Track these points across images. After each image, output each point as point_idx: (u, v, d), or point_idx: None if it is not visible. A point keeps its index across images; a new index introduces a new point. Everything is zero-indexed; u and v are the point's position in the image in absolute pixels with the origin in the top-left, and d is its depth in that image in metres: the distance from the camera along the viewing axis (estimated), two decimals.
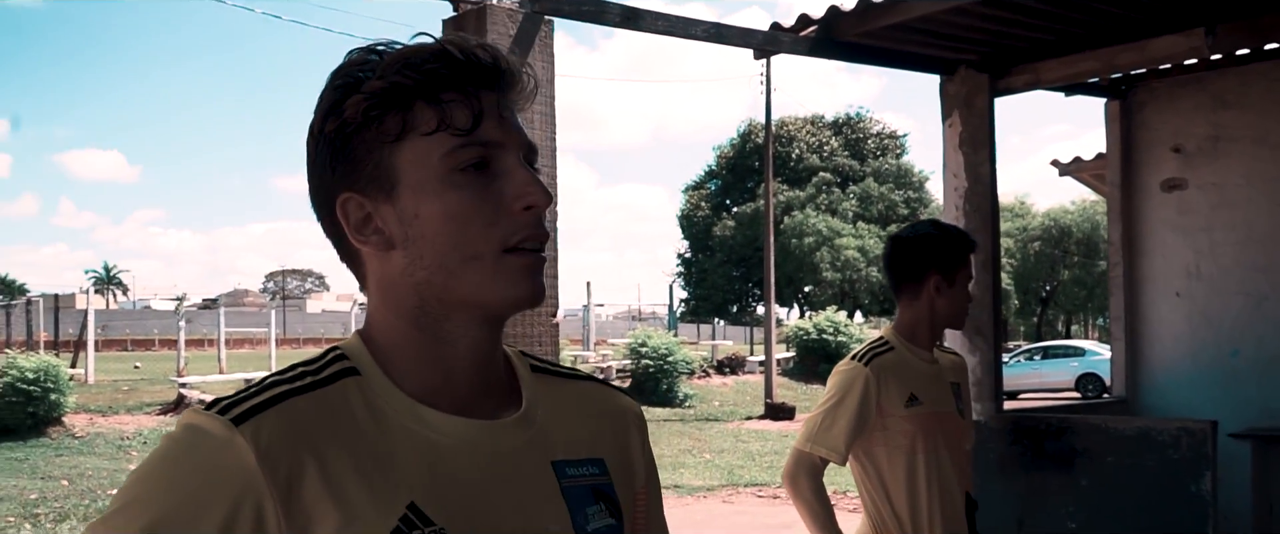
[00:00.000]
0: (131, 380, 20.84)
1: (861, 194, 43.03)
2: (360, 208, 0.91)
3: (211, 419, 0.83)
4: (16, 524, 8.49)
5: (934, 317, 2.56)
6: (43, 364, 13.48)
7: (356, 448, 0.86)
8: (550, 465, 0.96)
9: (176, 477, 0.81)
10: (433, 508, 0.86)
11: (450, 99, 0.89)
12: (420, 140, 0.89)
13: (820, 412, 2.52)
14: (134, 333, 45.09)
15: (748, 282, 44.36)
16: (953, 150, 5.03)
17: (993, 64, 4.95)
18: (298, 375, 0.90)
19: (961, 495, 2.57)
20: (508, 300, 0.90)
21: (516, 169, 0.91)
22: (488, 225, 0.89)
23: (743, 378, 23.20)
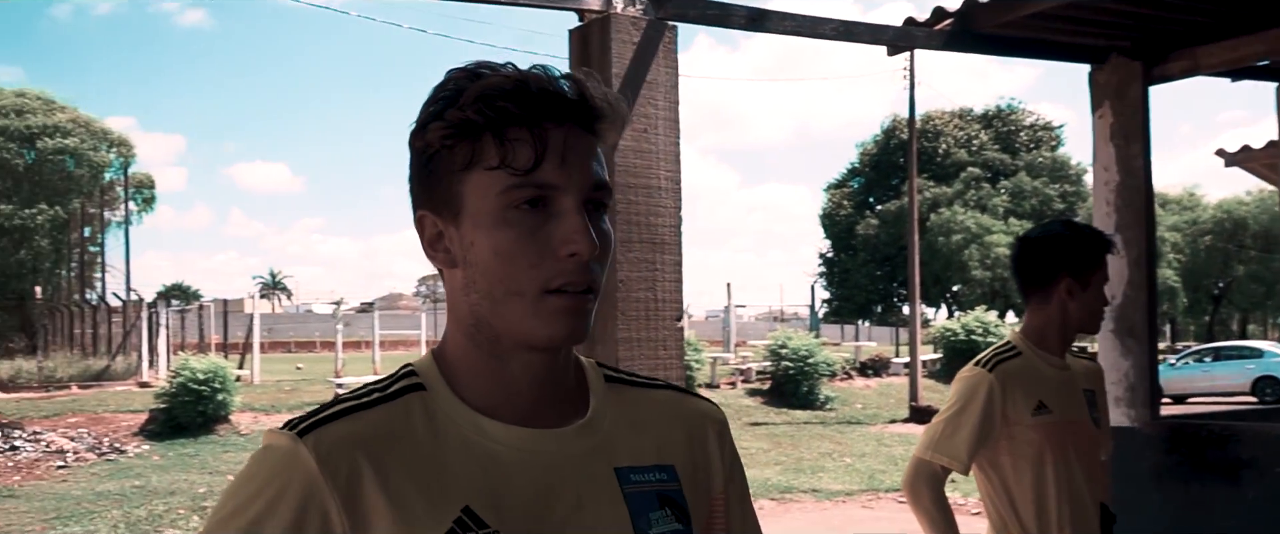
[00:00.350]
0: (293, 381, 21.90)
1: (1013, 189, 41.51)
2: (433, 225, 0.97)
3: (279, 435, 0.92)
4: (186, 516, 9.02)
5: (1065, 321, 2.43)
6: (212, 366, 14.30)
7: (412, 456, 0.92)
8: (613, 472, 0.99)
9: (252, 488, 0.90)
10: (488, 512, 0.91)
11: (516, 137, 0.91)
12: (483, 174, 0.92)
13: (942, 419, 2.43)
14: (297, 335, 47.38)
15: (892, 281, 43.39)
16: (1103, 143, 4.79)
17: (1146, 50, 4.68)
18: (366, 393, 0.97)
19: (1095, 508, 2.43)
20: (543, 338, 0.93)
21: (569, 214, 0.92)
22: (531, 266, 0.92)
23: (887, 380, 22.69)
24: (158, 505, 9.48)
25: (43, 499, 9.97)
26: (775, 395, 19.15)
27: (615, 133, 0.96)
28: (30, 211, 34.98)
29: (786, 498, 9.66)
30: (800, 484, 10.58)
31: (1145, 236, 4.55)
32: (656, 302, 3.37)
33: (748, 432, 15.93)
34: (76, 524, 8.71)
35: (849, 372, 22.76)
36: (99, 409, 16.13)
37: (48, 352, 24.53)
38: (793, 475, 11.47)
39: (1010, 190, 41.53)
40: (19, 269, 35.16)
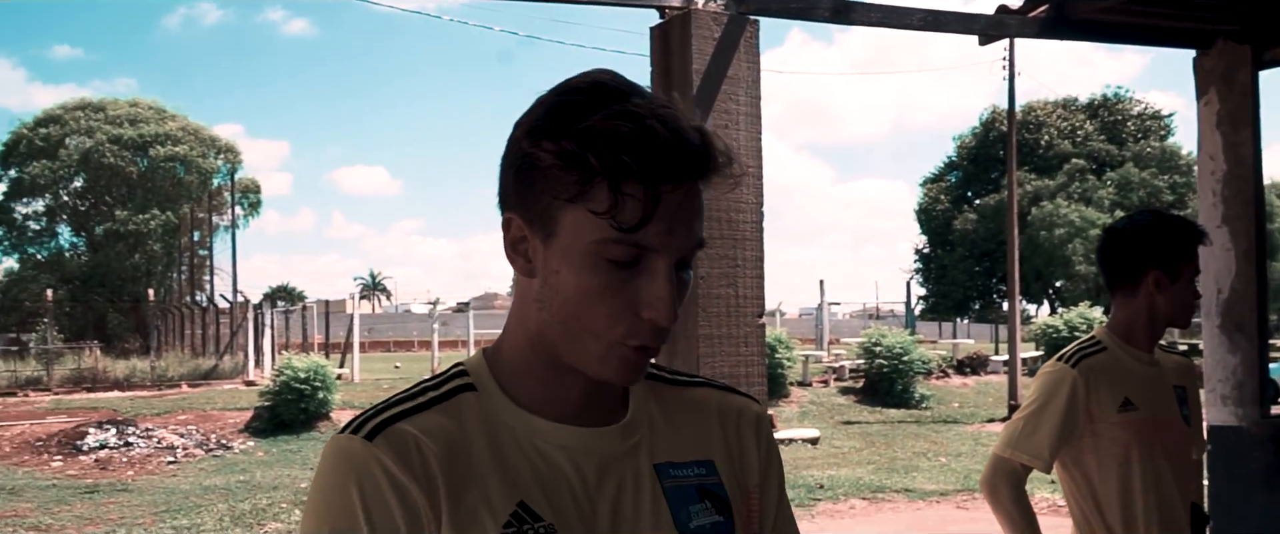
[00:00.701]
0: (391, 379, 22.40)
1: (1120, 181, 40.16)
2: (519, 230, 0.96)
3: (349, 440, 0.94)
4: (288, 509, 9.29)
5: (1153, 315, 2.33)
6: (313, 365, 14.71)
7: (469, 453, 0.95)
8: (653, 468, 1.01)
9: (336, 500, 0.92)
10: (541, 507, 0.95)
11: (630, 192, 0.89)
12: (585, 214, 0.90)
13: (1023, 415, 2.35)
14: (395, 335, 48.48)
15: (991, 277, 42.38)
16: (1209, 131, 4.58)
17: (1255, 34, 4.47)
18: (420, 392, 0.99)
19: (1185, 508, 2.33)
20: (603, 378, 0.95)
21: (659, 279, 0.91)
22: (611, 317, 0.92)
23: (985, 378, 22.16)
24: (261, 499, 9.78)
25: (153, 493, 10.38)
26: (868, 394, 18.88)
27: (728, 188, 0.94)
28: (143, 217, 36.47)
29: (878, 498, 9.50)
30: (893, 484, 10.40)
31: (1254, 228, 4.34)
32: (738, 298, 3.34)
33: (840, 430, 15.73)
34: (184, 517, 9.05)
35: (945, 370, 22.31)
36: (207, 407, 16.74)
37: (160, 352, 25.53)
38: (885, 475, 11.28)
39: (1116, 182, 40.18)
40: (133, 272, 36.70)
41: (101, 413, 15.86)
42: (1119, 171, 40.70)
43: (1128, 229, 2.37)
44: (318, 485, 0.94)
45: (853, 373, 20.39)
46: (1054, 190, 39.97)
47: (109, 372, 22.33)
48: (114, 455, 12.65)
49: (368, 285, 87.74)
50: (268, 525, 8.70)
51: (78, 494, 10.39)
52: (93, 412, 16.12)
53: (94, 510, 9.52)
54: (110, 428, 13.66)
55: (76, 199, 38.93)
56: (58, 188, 38.27)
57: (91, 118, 38.01)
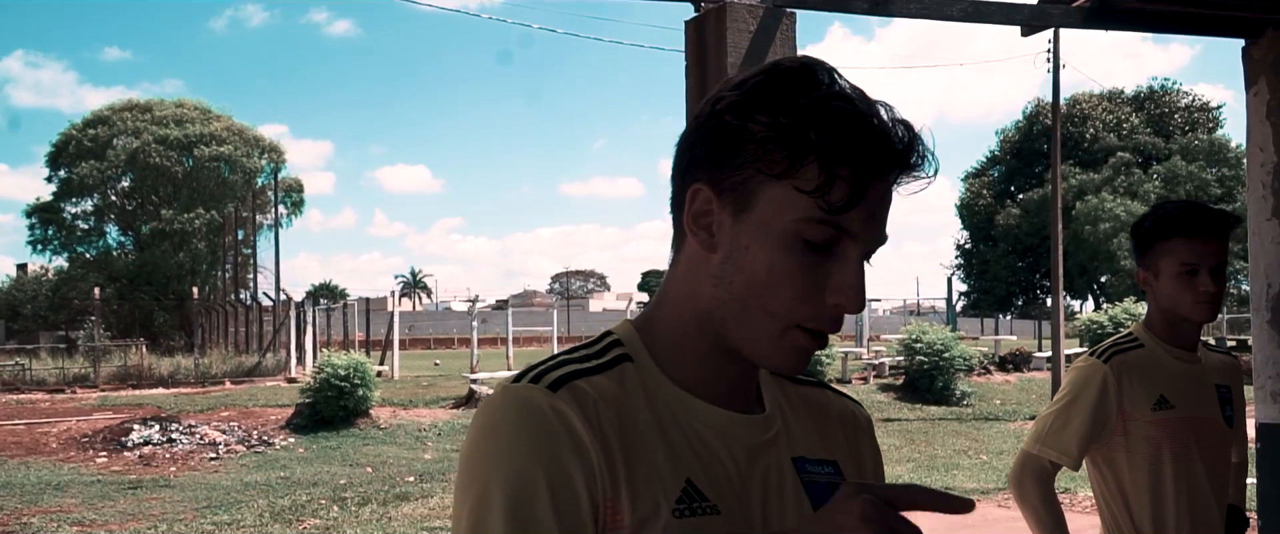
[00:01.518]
0: (431, 376, 22.54)
1: (1167, 174, 39.47)
2: (706, 202, 0.93)
3: (529, 389, 0.90)
4: (327, 506, 9.36)
5: (1161, 310, 2.25)
6: (352, 362, 14.81)
7: (641, 426, 0.93)
8: (792, 461, 1.01)
9: (521, 443, 0.87)
10: (705, 486, 0.93)
11: (842, 174, 0.88)
12: (791, 192, 0.89)
13: (1052, 411, 2.29)
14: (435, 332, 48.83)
15: (1034, 273, 41.84)
16: (1259, 122, 4.46)
17: None
18: (583, 358, 0.96)
19: (1220, 511, 2.25)
20: (772, 365, 0.95)
21: (851, 266, 0.90)
22: (796, 299, 0.90)
23: (1028, 375, 21.87)
24: (301, 496, 9.86)
25: (195, 489, 10.50)
26: (909, 391, 18.68)
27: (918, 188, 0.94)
28: (188, 216, 36.98)
29: None
30: (933, 482, 10.28)
31: None
32: None
33: (879, 428, 15.56)
34: (225, 513, 9.14)
35: (987, 366, 22.04)
36: (249, 403, 16.93)
37: (204, 349, 25.87)
38: (925, 473, 11.15)
39: (1163, 176, 39.50)
40: (178, 271, 37.23)
41: (146, 409, 16.09)
42: (1166, 165, 40.00)
43: (1140, 221, 2.29)
44: (488, 433, 0.89)
45: (893, 370, 20.20)
46: (1099, 184, 39.36)
47: (154, 369, 22.66)
48: (157, 451, 12.82)
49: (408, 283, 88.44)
50: (307, 522, 8.76)
51: (121, 490, 10.54)
52: (138, 408, 16.36)
53: (137, 506, 9.65)
54: (154, 424, 13.84)
55: (124, 199, 39.56)
56: (106, 188, 38.90)
57: (138, 119, 38.61)
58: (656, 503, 0.90)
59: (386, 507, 9.31)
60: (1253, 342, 4.34)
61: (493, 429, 0.89)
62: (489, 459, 0.88)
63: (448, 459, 12.36)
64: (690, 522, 0.91)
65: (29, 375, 22.03)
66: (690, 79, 3.89)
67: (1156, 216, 2.23)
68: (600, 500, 0.88)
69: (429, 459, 12.36)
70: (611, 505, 0.89)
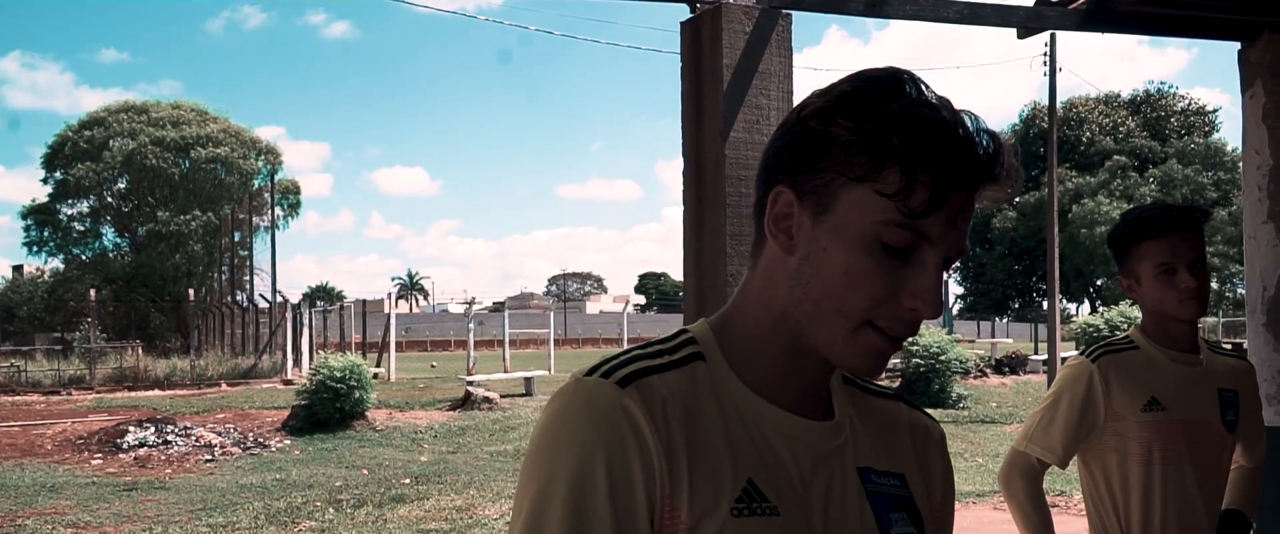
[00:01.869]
0: (427, 378, 22.52)
1: (1163, 177, 39.58)
2: (788, 205, 0.95)
3: (598, 384, 0.92)
4: (322, 508, 9.33)
5: (1151, 313, 2.25)
6: (349, 364, 14.79)
7: (707, 423, 0.94)
8: (856, 471, 1.01)
9: (586, 436, 0.89)
10: (766, 487, 0.94)
11: (923, 179, 0.89)
12: (871, 194, 0.90)
13: (1040, 409, 2.30)
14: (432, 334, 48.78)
15: (1031, 276, 41.90)
16: (1255, 125, 4.45)
17: None
18: (656, 354, 0.97)
19: (1211, 516, 2.24)
20: (846, 365, 0.95)
21: (930, 270, 0.91)
22: (871, 300, 0.91)
23: (1024, 378, 21.89)
24: (296, 498, 9.84)
25: (190, 491, 10.48)
26: (906, 393, 18.54)
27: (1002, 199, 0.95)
28: (185, 218, 36.95)
29: None
30: None
31: None
32: None
33: None
34: (220, 515, 9.12)
35: (983, 369, 22.07)
36: (245, 405, 16.91)
37: (200, 351, 25.84)
38: None
39: (1159, 179, 39.59)
40: (174, 273, 37.18)
41: (141, 411, 16.06)
42: (1162, 168, 40.10)
43: (1116, 226, 2.30)
44: (557, 424, 0.91)
45: (889, 372, 20.22)
46: (1095, 187, 39.45)
47: (150, 370, 22.64)
48: (153, 453, 12.79)
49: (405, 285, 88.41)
50: (302, 524, 8.74)
51: (116, 492, 10.51)
52: (133, 410, 16.33)
53: (132, 508, 9.62)
54: (149, 426, 13.82)
55: (120, 200, 39.51)
56: (102, 189, 38.86)
57: (134, 120, 38.59)
58: (717, 500, 0.91)
59: (382, 509, 9.29)
60: (1248, 345, 4.33)
61: (561, 421, 0.91)
62: (554, 450, 0.90)
63: (444, 461, 12.34)
64: (749, 521, 0.92)
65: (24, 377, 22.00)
66: (686, 80, 3.88)
67: (1126, 223, 2.24)
68: (658, 498, 0.90)
69: (425, 461, 12.34)
70: (669, 502, 0.90)
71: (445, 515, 8.95)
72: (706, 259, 3.60)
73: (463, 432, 14.57)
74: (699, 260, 3.56)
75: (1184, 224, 2.18)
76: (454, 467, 11.85)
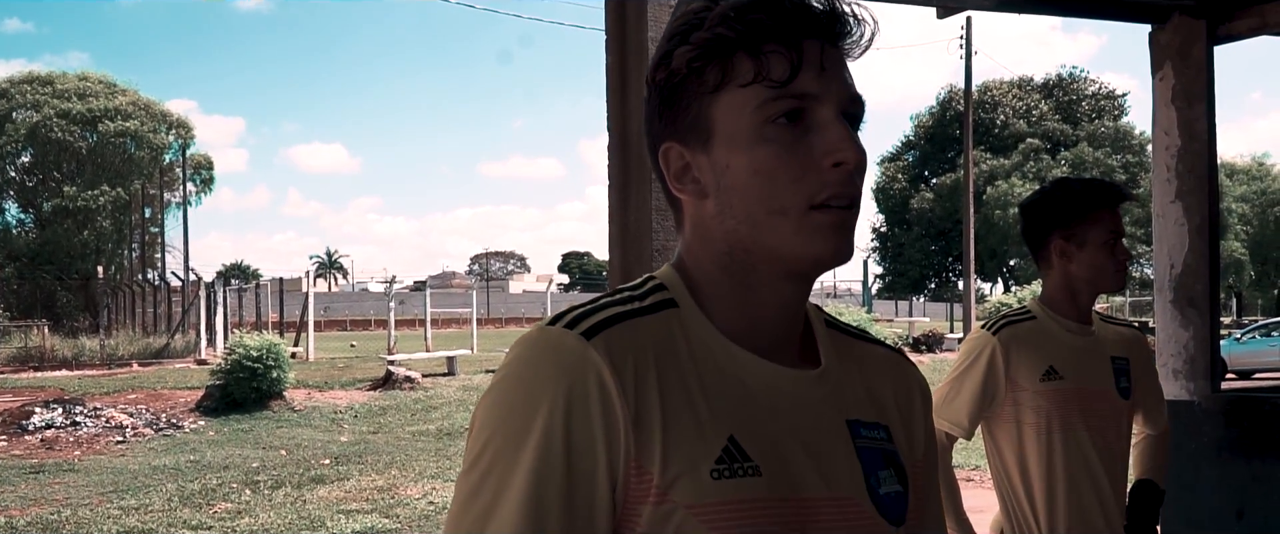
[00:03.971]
0: (347, 358, 22.18)
1: (1074, 160, 40.67)
2: (680, 158, 0.93)
3: (562, 333, 0.86)
4: (238, 490, 9.14)
5: (1070, 283, 2.30)
6: (265, 343, 14.48)
7: (683, 375, 0.88)
8: (845, 424, 0.95)
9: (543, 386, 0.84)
10: (748, 444, 0.87)
11: (770, 50, 0.87)
12: (737, 92, 0.88)
13: (945, 383, 2.34)
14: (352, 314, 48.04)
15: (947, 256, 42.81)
16: (1164, 106, 4.57)
17: (1210, 8, 4.46)
18: (626, 300, 0.92)
19: (1112, 481, 2.30)
20: (810, 257, 0.89)
21: (830, 124, 0.88)
22: (794, 181, 0.88)
23: (940, 356, 22.39)
24: (211, 479, 9.62)
25: (101, 473, 10.17)
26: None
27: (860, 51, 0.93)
28: (93, 193, 35.75)
29: None
30: None
31: (1208, 204, 4.34)
32: None
33: None
34: (132, 497, 8.87)
35: (901, 348, 22.49)
36: (158, 386, 16.46)
37: (110, 330, 25.08)
38: None
39: (1071, 162, 40.68)
40: (82, 250, 36.00)
41: (48, 392, 15.53)
42: (1073, 151, 41.21)
43: (1032, 199, 2.35)
44: (511, 378, 0.86)
45: None
46: (1009, 169, 40.40)
47: (57, 350, 21.91)
48: (61, 435, 12.38)
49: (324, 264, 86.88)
50: (218, 506, 8.55)
51: (22, 474, 10.14)
52: (39, 391, 15.78)
53: (39, 491, 9.31)
54: (57, 407, 13.36)
55: (24, 175, 38.08)
56: (4, 163, 37.41)
57: (39, 92, 37.17)
58: (694, 462, 0.85)
59: (301, 489, 9.13)
60: (1156, 321, 4.47)
61: (519, 373, 0.86)
62: (509, 406, 0.85)
63: (364, 441, 12.17)
64: (729, 483, 0.85)
65: None
66: (610, 54, 3.84)
67: (1086, 189, 2.29)
68: (621, 464, 0.84)
69: (345, 441, 12.16)
70: (636, 466, 0.84)
71: (367, 496, 8.83)
72: (632, 235, 3.58)
73: (384, 411, 14.38)
74: (624, 235, 3.54)
75: (1124, 200, 2.29)
76: (375, 447, 11.70)
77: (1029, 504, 2.28)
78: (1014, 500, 2.31)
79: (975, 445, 2.38)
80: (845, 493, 0.91)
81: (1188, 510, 4.05)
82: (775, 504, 0.86)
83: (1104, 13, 4.64)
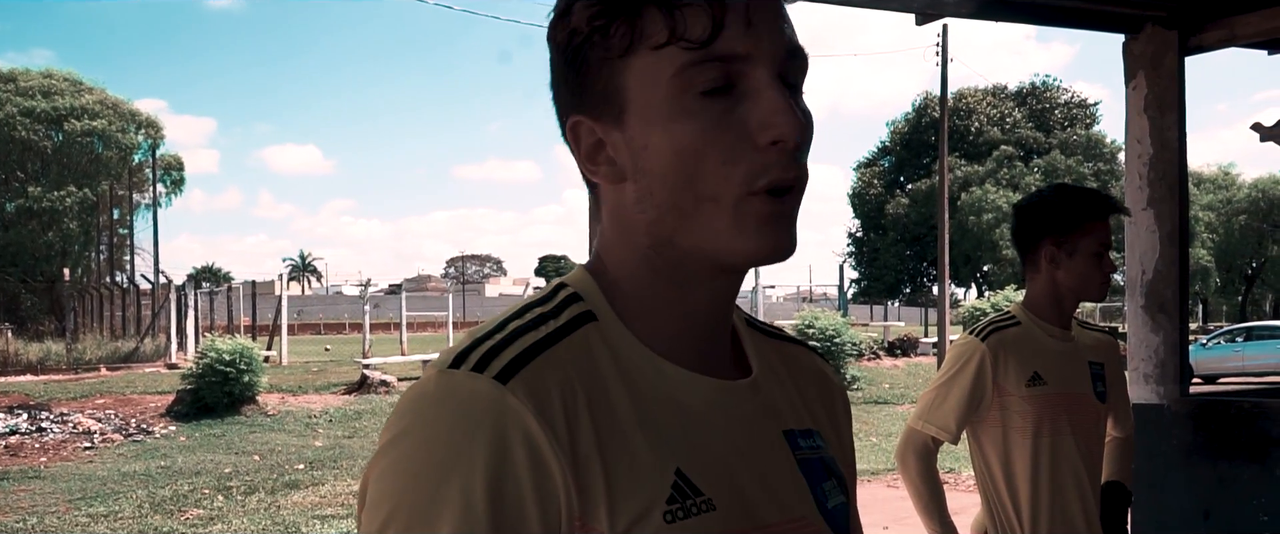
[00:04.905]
0: (321, 362, 22.03)
1: (1047, 167, 41.03)
2: (591, 133, 0.78)
3: (471, 379, 0.70)
4: (211, 496, 9.05)
5: (1056, 289, 2.32)
6: (238, 347, 14.36)
7: (616, 407, 0.74)
8: (782, 435, 0.84)
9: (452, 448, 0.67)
10: (697, 476, 0.75)
11: (686, 2, 0.72)
12: (649, 55, 0.73)
13: (933, 388, 2.36)
14: (326, 317, 47.73)
15: (922, 261, 43.11)
16: (1137, 115, 4.63)
17: (1182, 20, 4.52)
18: (538, 320, 0.76)
19: (1093, 483, 2.34)
20: (746, 253, 0.75)
21: (765, 90, 0.73)
22: (726, 163, 0.73)
23: (915, 360, 22.53)
24: (182, 485, 9.52)
25: (69, 480, 10.04)
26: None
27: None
28: (59, 194, 35.31)
29: None
30: None
31: (1178, 211, 4.40)
32: None
33: None
34: (101, 504, 8.76)
35: (877, 351, 22.64)
36: (127, 390, 16.28)
37: (77, 334, 24.79)
38: None
39: (1043, 169, 41.05)
40: (47, 251, 35.54)
41: (13, 397, 15.32)
42: (1046, 158, 41.59)
43: (1025, 204, 2.37)
44: (413, 441, 0.68)
45: None
46: (983, 176, 40.74)
47: (22, 355, 21.63)
48: (25, 441, 12.21)
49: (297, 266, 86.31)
50: (189, 512, 8.46)
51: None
52: (3, 396, 15.57)
53: (3, 499, 9.18)
54: (21, 413, 13.20)
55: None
56: None
57: (1, 89, 36.67)
58: (645, 507, 0.72)
59: (275, 495, 9.06)
60: (1127, 326, 4.52)
61: (419, 435, 0.69)
62: (410, 477, 0.67)
63: (339, 446, 12.09)
64: (684, 524, 0.73)
65: None
66: None
67: (1085, 198, 2.30)
68: (565, 526, 0.69)
69: (320, 446, 12.07)
70: (582, 526, 0.70)
71: (342, 501, 8.77)
72: None
73: (359, 416, 14.30)
74: None
75: (1118, 213, 2.33)
76: (350, 451, 11.62)
77: (1013, 507, 2.30)
78: (998, 503, 2.33)
79: (948, 447, 2.39)
80: (798, 514, 0.81)
81: (1156, 512, 4.10)
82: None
83: (1079, 22, 4.68)
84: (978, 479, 2.40)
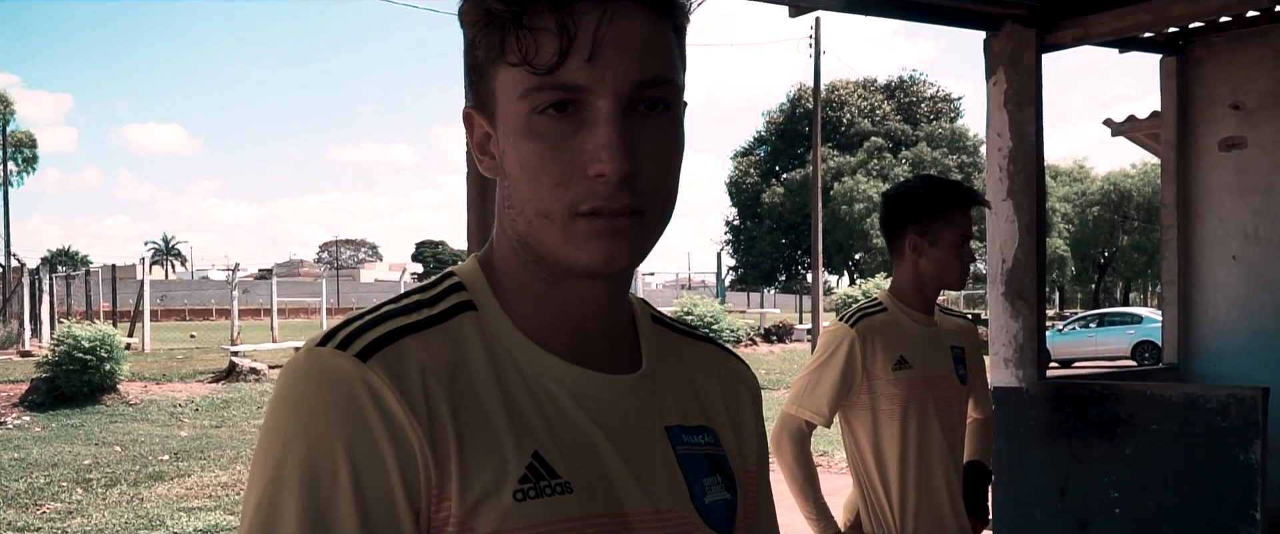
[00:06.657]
0: (186, 349, 21.26)
1: (914, 159, 42.39)
2: (481, 127, 0.83)
3: (334, 356, 0.76)
4: (69, 488, 8.67)
5: (919, 277, 2.44)
6: (97, 333, 13.73)
7: (479, 389, 0.79)
8: (664, 431, 0.88)
9: (319, 423, 0.74)
10: (555, 460, 0.80)
11: (539, 25, 0.75)
12: (508, 71, 0.77)
13: (805, 373, 2.45)
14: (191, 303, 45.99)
15: (796, 249, 44.06)
16: (997, 109, 4.85)
17: (1041, 18, 4.75)
18: (414, 306, 0.82)
19: (956, 462, 2.48)
20: (579, 266, 0.79)
21: (600, 124, 0.75)
22: (556, 185, 0.77)
23: (790, 346, 23.06)
24: (38, 478, 9.08)
25: None
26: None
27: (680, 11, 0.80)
28: None
29: None
30: None
31: (1036, 202, 4.63)
32: None
33: None
34: None
35: (753, 338, 23.07)
36: None
37: None
38: None
39: (911, 160, 42.39)
40: None
41: None
42: (913, 150, 42.96)
43: (892, 194, 2.47)
44: (283, 410, 0.75)
45: None
46: (855, 167, 41.83)
47: None
48: None
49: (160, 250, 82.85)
50: (46, 506, 8.08)
51: None
52: None
53: None
54: None
55: None
56: None
57: None
58: (496, 483, 0.76)
59: (138, 487, 8.72)
60: (989, 312, 4.74)
61: (289, 406, 0.75)
62: (282, 443, 0.74)
63: (206, 436, 11.71)
64: (535, 504, 0.77)
65: None
66: None
67: (947, 190, 2.40)
68: (423, 490, 0.75)
69: (185, 436, 11.66)
70: (437, 493, 0.75)
71: (210, 492, 8.51)
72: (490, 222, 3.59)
73: (227, 405, 13.86)
74: (483, 222, 3.54)
75: (978, 205, 2.43)
76: (218, 441, 11.27)
77: (883, 487, 2.41)
78: (868, 483, 2.43)
79: (821, 431, 2.48)
80: (667, 506, 0.84)
81: (1015, 489, 4.33)
82: (590, 523, 0.79)
83: (943, 19, 4.88)
84: (849, 461, 2.50)
